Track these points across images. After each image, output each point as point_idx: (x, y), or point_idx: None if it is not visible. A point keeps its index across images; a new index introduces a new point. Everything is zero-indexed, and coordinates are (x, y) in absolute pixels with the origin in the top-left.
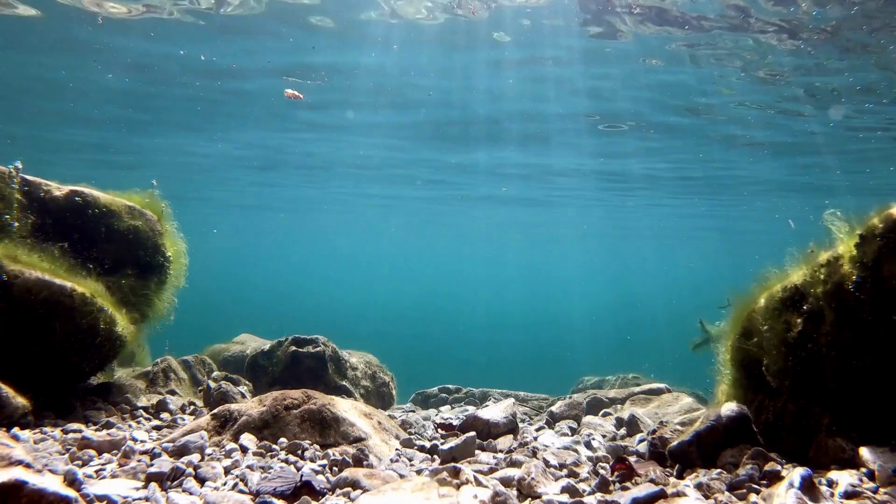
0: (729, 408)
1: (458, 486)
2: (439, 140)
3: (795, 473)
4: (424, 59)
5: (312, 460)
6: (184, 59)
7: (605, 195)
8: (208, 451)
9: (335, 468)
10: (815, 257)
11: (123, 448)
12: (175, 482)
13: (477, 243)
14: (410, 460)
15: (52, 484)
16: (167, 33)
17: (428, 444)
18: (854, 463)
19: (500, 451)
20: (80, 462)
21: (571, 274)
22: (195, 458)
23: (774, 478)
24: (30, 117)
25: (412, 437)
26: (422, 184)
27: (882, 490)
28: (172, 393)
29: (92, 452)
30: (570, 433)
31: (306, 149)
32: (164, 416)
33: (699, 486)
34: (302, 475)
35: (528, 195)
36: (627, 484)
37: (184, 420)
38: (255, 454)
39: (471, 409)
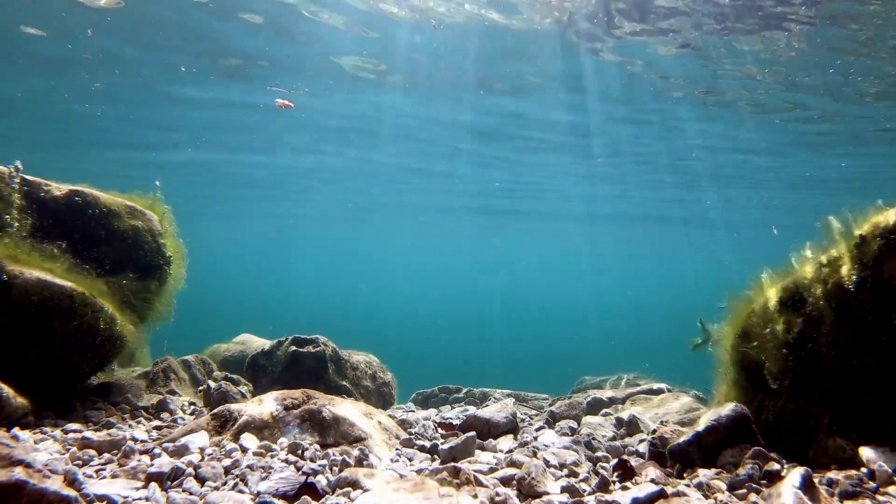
0: (729, 408)
1: (458, 486)
2: (436, 142)
3: (795, 473)
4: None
5: (312, 460)
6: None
7: (610, 193)
8: (208, 451)
9: (335, 468)
10: (814, 257)
11: (123, 448)
12: (175, 482)
13: (476, 242)
14: (410, 460)
15: (53, 484)
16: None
17: (428, 444)
18: (854, 463)
19: (501, 450)
20: (80, 462)
21: (572, 273)
22: (195, 458)
23: (774, 478)
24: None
25: (412, 436)
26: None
27: (882, 490)
28: (172, 393)
29: (92, 452)
30: (570, 433)
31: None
32: (165, 416)
33: (699, 486)
34: (305, 476)
35: (529, 195)
36: (627, 484)
37: (184, 420)
38: (255, 454)
39: (471, 409)
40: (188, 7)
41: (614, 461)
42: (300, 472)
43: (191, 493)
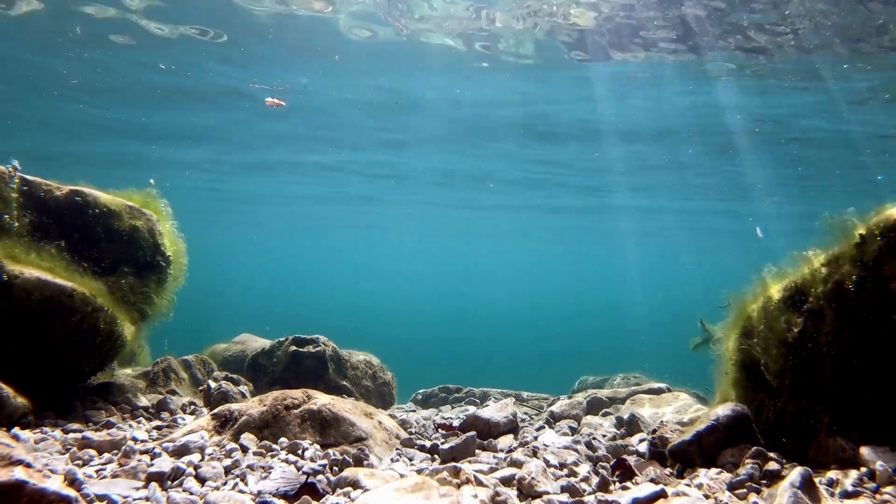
0: (729, 407)
1: (458, 486)
2: (439, 142)
3: (795, 473)
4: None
5: (313, 460)
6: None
7: (607, 193)
8: (209, 450)
9: (335, 468)
10: (815, 257)
11: (124, 448)
12: (175, 482)
13: (477, 242)
14: (411, 460)
15: (53, 484)
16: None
17: (428, 444)
18: (854, 463)
19: (501, 450)
20: (80, 462)
21: (573, 273)
22: (195, 457)
23: (775, 477)
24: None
25: (412, 436)
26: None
27: (882, 490)
28: (173, 393)
29: (92, 452)
30: (570, 433)
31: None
32: (165, 415)
33: (699, 486)
34: (306, 476)
35: (527, 194)
36: (628, 483)
37: (184, 420)
38: (255, 454)
39: (471, 409)
40: None
41: (614, 461)
42: (300, 472)
43: (191, 493)
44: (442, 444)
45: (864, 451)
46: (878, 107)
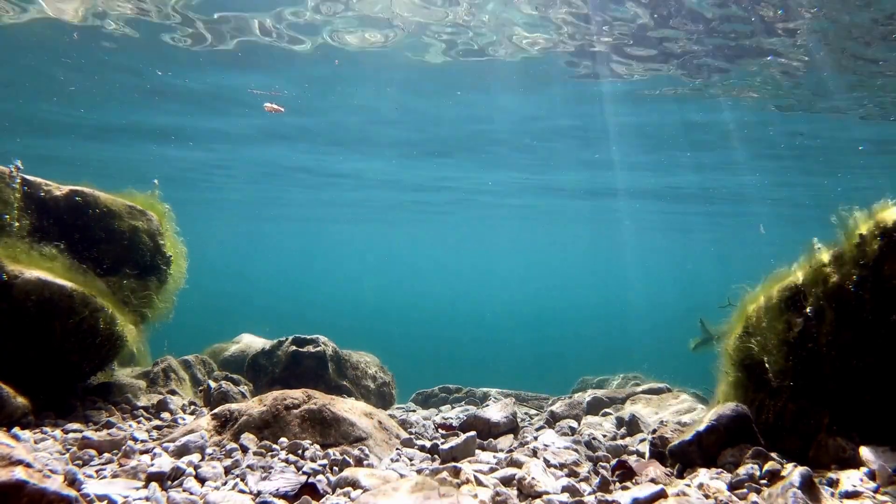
0: (729, 407)
1: (458, 486)
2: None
3: (796, 473)
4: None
5: (313, 460)
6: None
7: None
8: (209, 450)
9: (335, 468)
10: (815, 257)
11: (124, 448)
12: (175, 482)
13: (476, 242)
14: (411, 460)
15: (53, 484)
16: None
17: (428, 444)
18: (855, 462)
19: (501, 450)
20: (80, 462)
21: (573, 273)
22: (195, 457)
23: (775, 477)
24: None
25: (412, 436)
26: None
27: (882, 490)
28: (173, 393)
29: (92, 452)
30: (570, 433)
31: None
32: (165, 415)
33: (700, 486)
34: (306, 476)
35: (526, 192)
36: (628, 483)
37: (184, 420)
38: (255, 454)
39: (471, 409)
40: None
41: (615, 461)
42: (300, 472)
43: (191, 493)
44: (442, 444)
45: (864, 451)
46: None
